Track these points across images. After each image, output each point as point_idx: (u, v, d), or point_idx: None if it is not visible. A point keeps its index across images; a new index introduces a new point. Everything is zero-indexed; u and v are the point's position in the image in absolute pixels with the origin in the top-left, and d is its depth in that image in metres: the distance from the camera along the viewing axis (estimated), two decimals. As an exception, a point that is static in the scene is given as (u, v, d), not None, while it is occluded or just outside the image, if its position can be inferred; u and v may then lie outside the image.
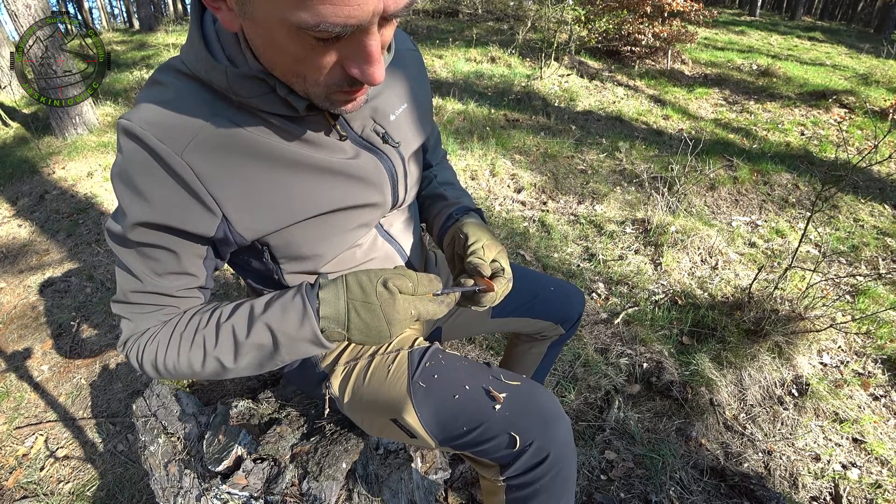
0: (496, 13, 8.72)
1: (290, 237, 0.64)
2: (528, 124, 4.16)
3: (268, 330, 0.59)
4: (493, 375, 0.73)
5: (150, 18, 9.47)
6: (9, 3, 3.44)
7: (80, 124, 3.97)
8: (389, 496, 0.95)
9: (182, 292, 0.63)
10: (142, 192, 0.53)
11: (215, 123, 0.53)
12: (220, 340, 0.60)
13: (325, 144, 0.60)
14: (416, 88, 0.74)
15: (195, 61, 0.53)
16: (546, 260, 2.41)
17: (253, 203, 0.57)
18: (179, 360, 0.61)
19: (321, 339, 0.59)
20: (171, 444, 1.05)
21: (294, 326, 0.59)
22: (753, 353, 1.79)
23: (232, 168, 0.55)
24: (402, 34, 0.75)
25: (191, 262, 0.61)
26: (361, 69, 0.46)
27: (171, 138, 0.51)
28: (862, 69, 6.02)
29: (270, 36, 0.45)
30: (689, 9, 5.60)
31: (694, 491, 1.36)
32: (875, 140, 3.72)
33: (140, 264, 0.60)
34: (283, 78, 0.51)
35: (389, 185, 0.69)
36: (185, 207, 0.54)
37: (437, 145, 0.95)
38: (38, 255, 2.69)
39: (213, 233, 0.57)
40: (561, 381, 1.69)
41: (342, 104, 0.53)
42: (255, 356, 0.60)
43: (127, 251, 0.59)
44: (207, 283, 0.66)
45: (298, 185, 0.59)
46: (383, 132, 0.66)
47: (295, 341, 0.59)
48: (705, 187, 3.19)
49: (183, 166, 0.52)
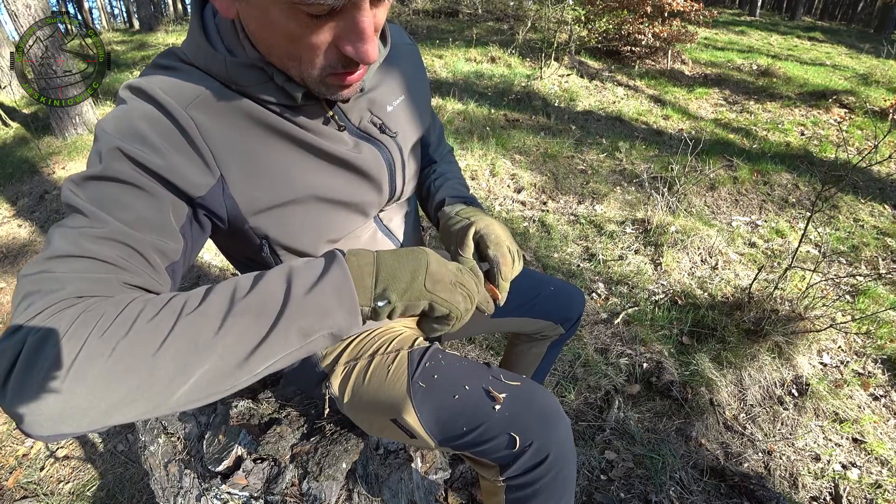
0: (496, 13, 8.72)
1: (289, 225, 0.62)
2: (528, 124, 4.16)
3: (284, 279, 0.45)
4: (492, 375, 0.73)
5: (150, 18, 9.47)
6: (9, 3, 3.44)
7: (80, 124, 3.97)
8: (389, 496, 0.95)
9: (151, 255, 0.48)
10: (135, 132, 0.48)
11: (220, 92, 0.53)
12: (207, 299, 0.43)
13: (324, 133, 0.61)
14: (414, 81, 0.74)
15: (195, 51, 0.54)
16: (546, 260, 2.41)
17: (253, 166, 0.56)
18: (126, 336, 0.39)
19: (349, 280, 0.46)
20: (171, 444, 1.05)
21: (315, 272, 0.46)
22: (753, 353, 1.79)
23: (235, 130, 0.54)
24: (399, 28, 0.76)
25: (169, 219, 0.50)
26: (355, 46, 0.47)
27: (176, 94, 0.51)
28: (862, 69, 6.02)
29: (265, 17, 0.46)
30: (689, 9, 5.60)
31: (694, 491, 1.36)
32: (875, 140, 3.72)
33: (103, 205, 0.46)
34: (279, 63, 0.51)
35: (387, 175, 0.69)
36: (181, 157, 0.50)
37: (441, 141, 0.95)
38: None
39: (205, 192, 0.52)
40: (561, 381, 1.69)
41: (337, 90, 0.53)
42: (246, 328, 0.42)
43: (89, 191, 0.46)
44: (177, 266, 0.52)
45: (299, 161, 0.59)
46: (380, 122, 0.66)
47: (311, 298, 0.44)
48: (705, 187, 3.19)
49: (186, 119, 0.51)
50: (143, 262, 0.48)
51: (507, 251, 0.67)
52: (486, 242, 0.66)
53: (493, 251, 0.66)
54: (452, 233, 0.71)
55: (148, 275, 0.48)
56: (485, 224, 0.69)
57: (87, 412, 0.37)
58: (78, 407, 0.37)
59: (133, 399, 0.38)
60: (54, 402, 0.36)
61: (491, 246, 0.66)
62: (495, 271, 0.65)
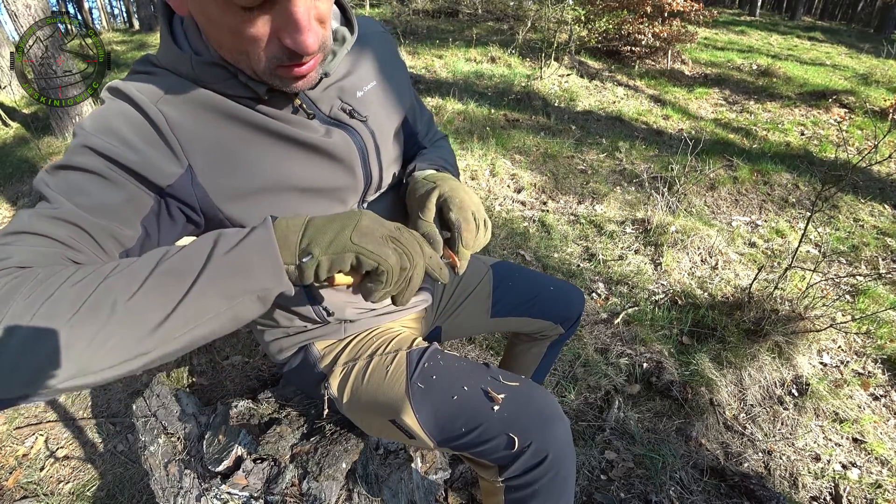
0: (496, 13, 8.71)
1: (263, 212, 0.59)
2: (528, 124, 4.16)
3: (211, 241, 0.46)
4: (491, 376, 0.73)
5: (150, 18, 9.47)
6: (9, 3, 3.44)
7: (80, 124, 3.97)
8: (389, 496, 0.95)
9: (102, 238, 0.50)
10: (108, 128, 0.52)
11: (190, 89, 0.56)
12: (135, 263, 0.44)
13: (293, 121, 0.61)
14: (386, 67, 0.74)
15: (165, 54, 0.57)
16: (546, 260, 2.41)
17: (221, 156, 0.57)
18: (51, 298, 0.40)
19: (272, 238, 0.46)
20: (171, 444, 1.05)
21: (241, 234, 0.47)
22: (753, 353, 1.79)
23: (203, 122, 0.56)
24: (370, 19, 0.75)
25: (129, 209, 0.52)
26: (293, 38, 0.47)
27: (148, 91, 0.54)
28: (862, 69, 6.01)
29: (206, 12, 0.47)
30: (689, 9, 5.60)
31: (694, 491, 1.36)
32: (875, 140, 3.72)
33: (65, 192, 0.49)
34: (230, 59, 0.53)
35: (360, 159, 0.68)
36: (150, 149, 0.53)
37: (430, 129, 0.93)
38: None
39: (173, 181, 0.54)
40: (561, 381, 1.69)
41: (291, 81, 0.53)
42: (164, 289, 0.42)
43: (56, 179, 0.50)
44: (133, 252, 0.54)
45: (268, 149, 0.60)
46: (350, 108, 0.66)
47: (231, 257, 0.45)
48: (705, 187, 3.19)
49: (156, 112, 0.53)
50: (93, 243, 0.50)
51: (472, 217, 0.64)
52: (449, 205, 0.63)
53: (455, 215, 0.62)
54: (416, 198, 0.67)
55: (96, 255, 0.50)
56: (450, 188, 0.65)
57: (14, 373, 0.39)
58: (5, 366, 0.39)
59: (56, 361, 0.39)
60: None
61: (454, 209, 0.63)
62: (456, 236, 0.62)
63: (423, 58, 5.92)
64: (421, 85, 4.99)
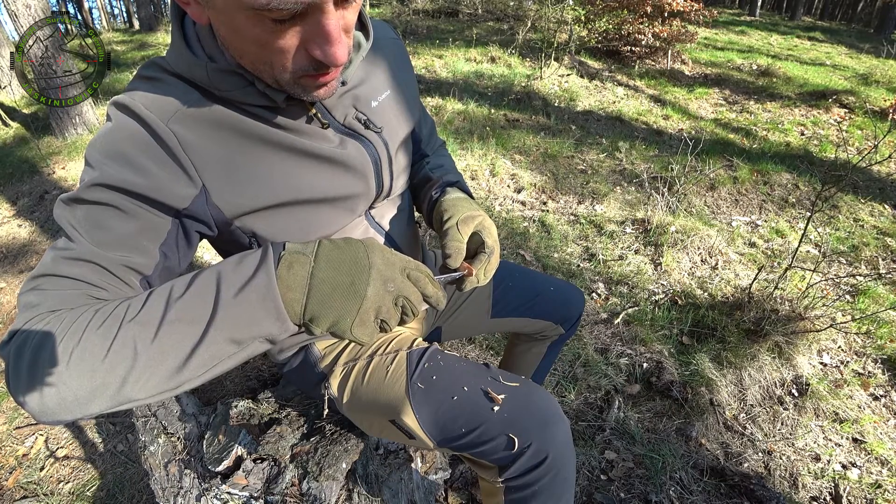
0: (496, 13, 8.71)
1: (276, 224, 0.62)
2: (528, 124, 4.16)
3: (214, 282, 0.46)
4: (491, 376, 0.73)
5: (150, 18, 9.47)
6: (9, 3, 3.44)
7: (80, 124, 3.97)
8: (389, 496, 0.95)
9: (121, 271, 0.52)
10: (119, 154, 0.51)
11: (201, 103, 0.55)
12: (147, 304, 0.46)
13: (307, 132, 0.61)
14: (399, 76, 0.74)
15: (177, 59, 0.55)
16: (546, 260, 2.41)
17: (234, 175, 0.57)
18: (79, 345, 0.44)
19: (273, 288, 0.45)
20: (171, 444, 1.05)
21: (243, 276, 0.46)
22: (753, 353, 1.79)
23: (215, 140, 0.55)
24: (383, 24, 0.75)
25: (146, 237, 0.53)
26: (323, 50, 0.47)
27: (158, 108, 0.53)
28: (862, 69, 6.01)
29: (232, 23, 0.46)
30: (689, 9, 5.60)
31: (694, 491, 1.36)
32: (875, 140, 3.72)
33: (82, 228, 0.51)
34: (251, 68, 0.52)
35: (373, 171, 0.68)
36: (163, 172, 0.52)
37: (432, 135, 0.94)
38: (38, 255, 2.69)
39: (188, 204, 0.54)
40: (561, 381, 1.69)
41: (314, 90, 0.53)
42: (180, 337, 0.45)
43: (72, 214, 0.51)
44: (153, 279, 0.56)
45: (280, 164, 0.59)
46: (365, 118, 0.66)
47: (237, 306, 0.45)
48: (705, 187, 3.19)
49: (167, 133, 0.52)
50: (113, 277, 0.52)
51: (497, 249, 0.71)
52: (483, 234, 0.70)
53: (490, 242, 0.70)
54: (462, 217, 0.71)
55: (116, 288, 0.52)
56: (486, 219, 0.72)
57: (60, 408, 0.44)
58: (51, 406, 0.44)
59: (92, 398, 0.44)
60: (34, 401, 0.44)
61: (487, 238, 0.70)
62: (485, 258, 0.68)
63: (423, 58, 5.92)
64: (421, 85, 4.99)
